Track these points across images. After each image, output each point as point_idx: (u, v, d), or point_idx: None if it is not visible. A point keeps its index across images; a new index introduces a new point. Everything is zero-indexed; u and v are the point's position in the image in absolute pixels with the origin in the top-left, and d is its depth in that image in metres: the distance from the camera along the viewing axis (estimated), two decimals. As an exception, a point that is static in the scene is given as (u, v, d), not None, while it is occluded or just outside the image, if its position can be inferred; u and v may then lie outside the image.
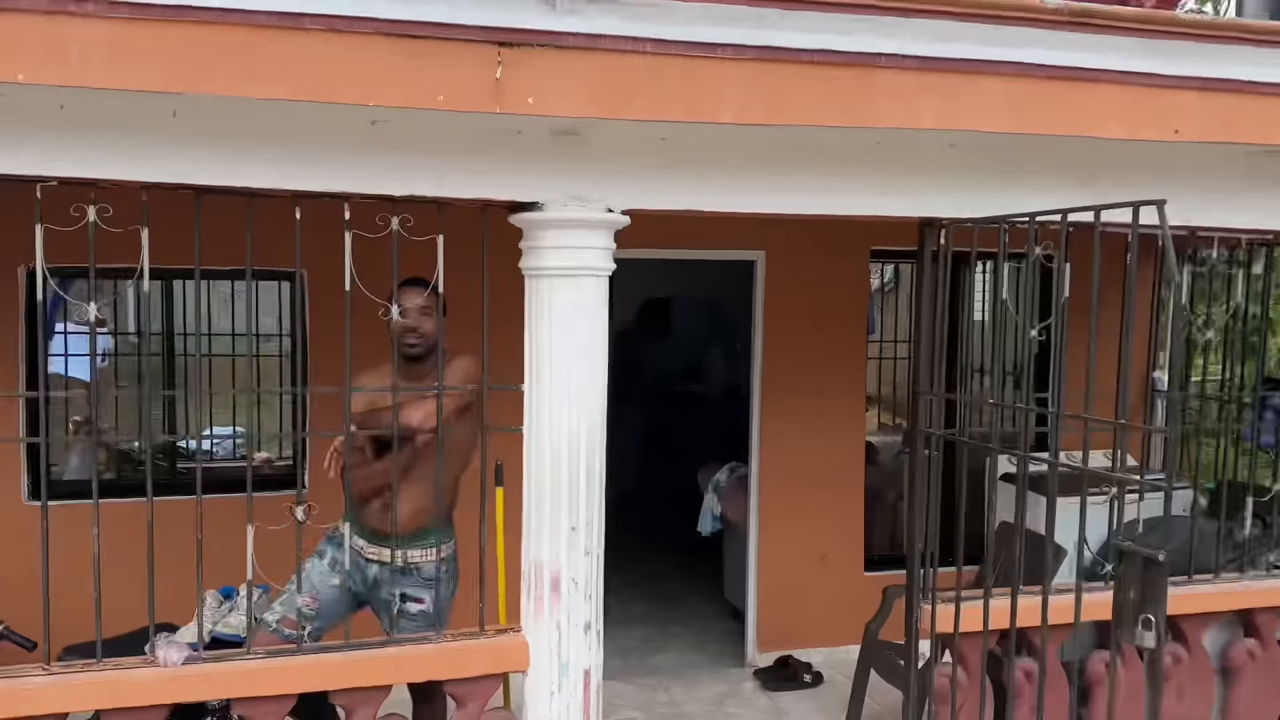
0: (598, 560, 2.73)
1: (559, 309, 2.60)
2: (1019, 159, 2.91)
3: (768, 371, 4.80)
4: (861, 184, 2.84)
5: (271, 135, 2.39)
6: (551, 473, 2.63)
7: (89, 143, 2.26)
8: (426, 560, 2.99)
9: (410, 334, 2.93)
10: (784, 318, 4.80)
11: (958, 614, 2.93)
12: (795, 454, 4.84)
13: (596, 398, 2.67)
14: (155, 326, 4.40)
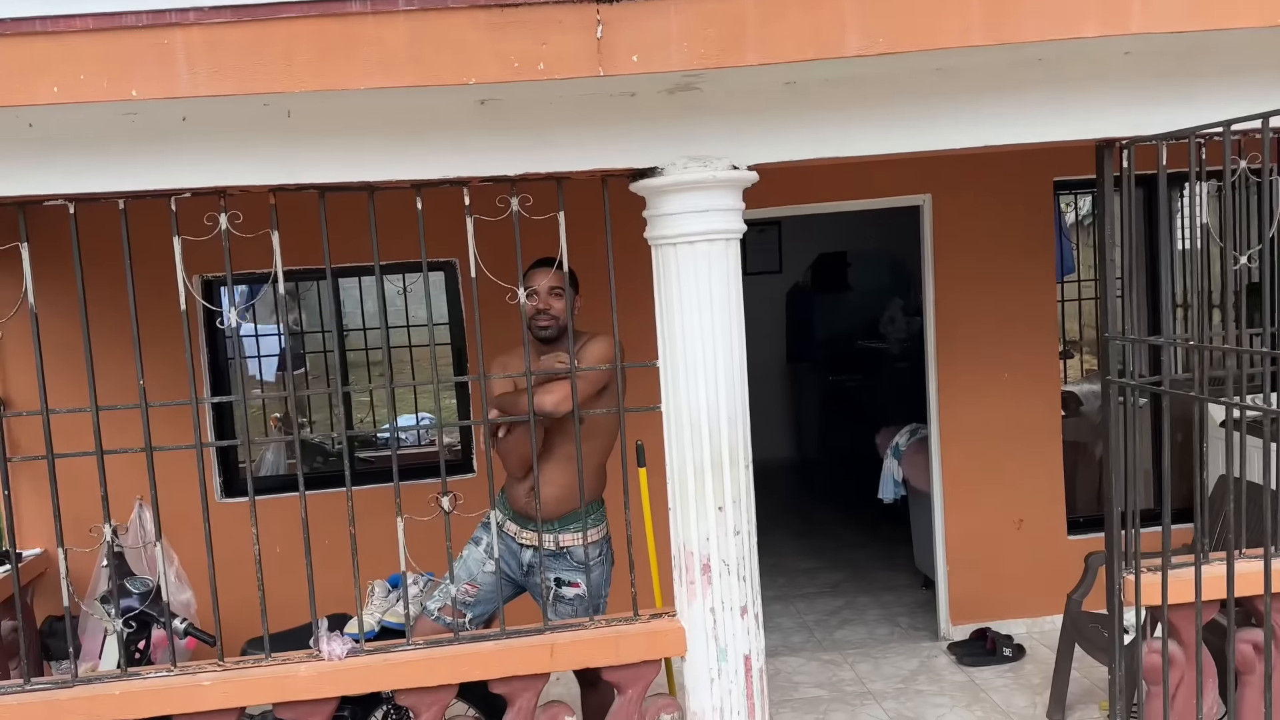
0: (749, 540, 2.61)
1: (688, 278, 2.49)
2: (1205, 62, 2.51)
3: (942, 323, 4.51)
4: (1025, 109, 2.55)
5: (383, 127, 2.38)
6: (693, 450, 2.53)
7: (212, 151, 2.32)
8: (578, 543, 2.98)
9: (541, 316, 2.93)
10: (957, 264, 4.49)
11: (1165, 583, 2.61)
12: (979, 411, 4.54)
13: (735, 368, 2.55)
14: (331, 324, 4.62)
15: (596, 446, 3.00)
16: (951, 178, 4.42)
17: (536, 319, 2.93)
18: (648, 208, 2.55)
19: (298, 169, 2.37)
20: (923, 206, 4.48)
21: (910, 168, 4.39)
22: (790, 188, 4.21)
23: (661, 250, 2.53)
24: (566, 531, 2.99)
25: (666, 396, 2.59)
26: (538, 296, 2.91)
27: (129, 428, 2.50)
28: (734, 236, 2.51)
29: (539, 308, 2.92)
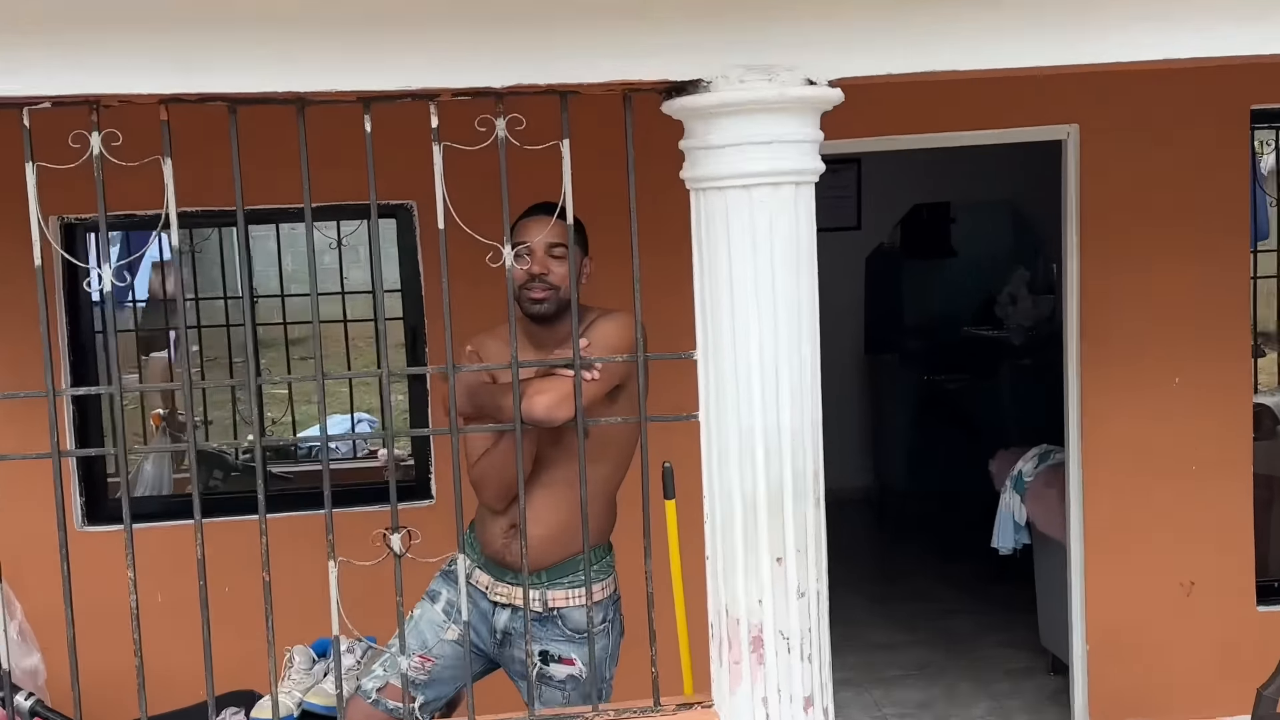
0: (818, 604, 2.60)
1: (741, 237, 2.46)
2: None
3: (1089, 305, 4.52)
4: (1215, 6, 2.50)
5: (322, 18, 2.36)
6: (741, 480, 2.52)
7: (83, 47, 2.31)
8: (575, 604, 2.97)
9: (535, 284, 2.94)
10: (1111, 222, 4.50)
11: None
12: (1138, 430, 4.56)
13: (805, 363, 2.53)
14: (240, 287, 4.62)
15: (606, 469, 2.99)
16: (1107, 104, 4.41)
17: (529, 288, 2.94)
18: (687, 136, 2.52)
19: (199, 73, 2.35)
20: (1066, 142, 4.48)
21: (1050, 89, 4.36)
22: (875, 112, 4.18)
23: (705, 197, 2.50)
24: (559, 586, 2.98)
25: (707, 402, 2.57)
26: (531, 257, 2.92)
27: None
28: (807, 179, 2.49)
29: (533, 272, 2.92)
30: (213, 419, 7.53)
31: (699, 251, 2.55)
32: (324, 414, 2.58)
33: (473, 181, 2.55)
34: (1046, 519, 4.99)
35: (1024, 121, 4.43)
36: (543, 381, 2.82)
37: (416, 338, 4.37)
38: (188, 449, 2.56)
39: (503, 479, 2.91)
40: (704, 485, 2.60)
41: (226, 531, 3.56)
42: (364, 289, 5.97)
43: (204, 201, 2.83)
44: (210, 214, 4.32)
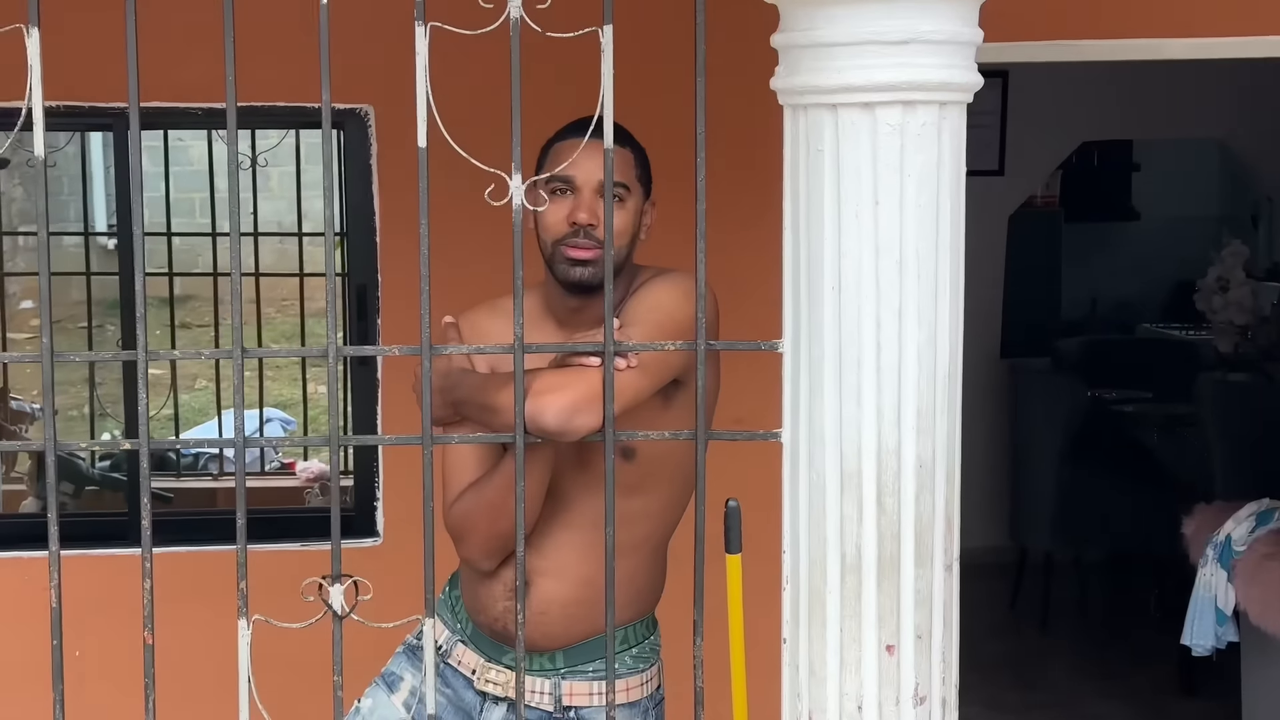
0: (945, 713, 2.63)
1: (857, 174, 2.47)
2: None
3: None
4: None
5: None
6: (842, 527, 2.53)
7: None
8: (599, 702, 2.98)
9: (580, 237, 2.93)
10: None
11: None
12: None
13: (941, 366, 2.55)
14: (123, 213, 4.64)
15: (653, 505, 3.02)
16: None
17: (570, 243, 2.94)
18: (784, 29, 2.54)
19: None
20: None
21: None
22: (1031, 6, 4.19)
23: (807, 117, 2.51)
24: (580, 676, 3.00)
25: (795, 414, 2.59)
26: (577, 197, 2.91)
27: None
28: (958, 98, 2.51)
29: (578, 220, 2.91)
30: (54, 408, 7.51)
31: (793, 195, 2.57)
32: (240, 408, 2.59)
33: (459, 86, 2.56)
34: (1265, 607, 4.97)
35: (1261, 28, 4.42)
36: (557, 374, 2.82)
37: (365, 302, 4.36)
38: (45, 449, 2.55)
39: (496, 525, 2.91)
40: (784, 536, 2.62)
41: (76, 570, 3.58)
42: (287, 230, 6.00)
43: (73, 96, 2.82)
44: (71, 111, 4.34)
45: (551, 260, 2.96)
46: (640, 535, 2.95)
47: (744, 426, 2.70)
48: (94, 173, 10.27)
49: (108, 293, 6.36)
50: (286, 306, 8.08)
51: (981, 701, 6.36)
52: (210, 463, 6.45)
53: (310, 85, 2.92)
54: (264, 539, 4.20)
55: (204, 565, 3.75)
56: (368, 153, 4.39)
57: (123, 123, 4.49)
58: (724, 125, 2.60)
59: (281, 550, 4.01)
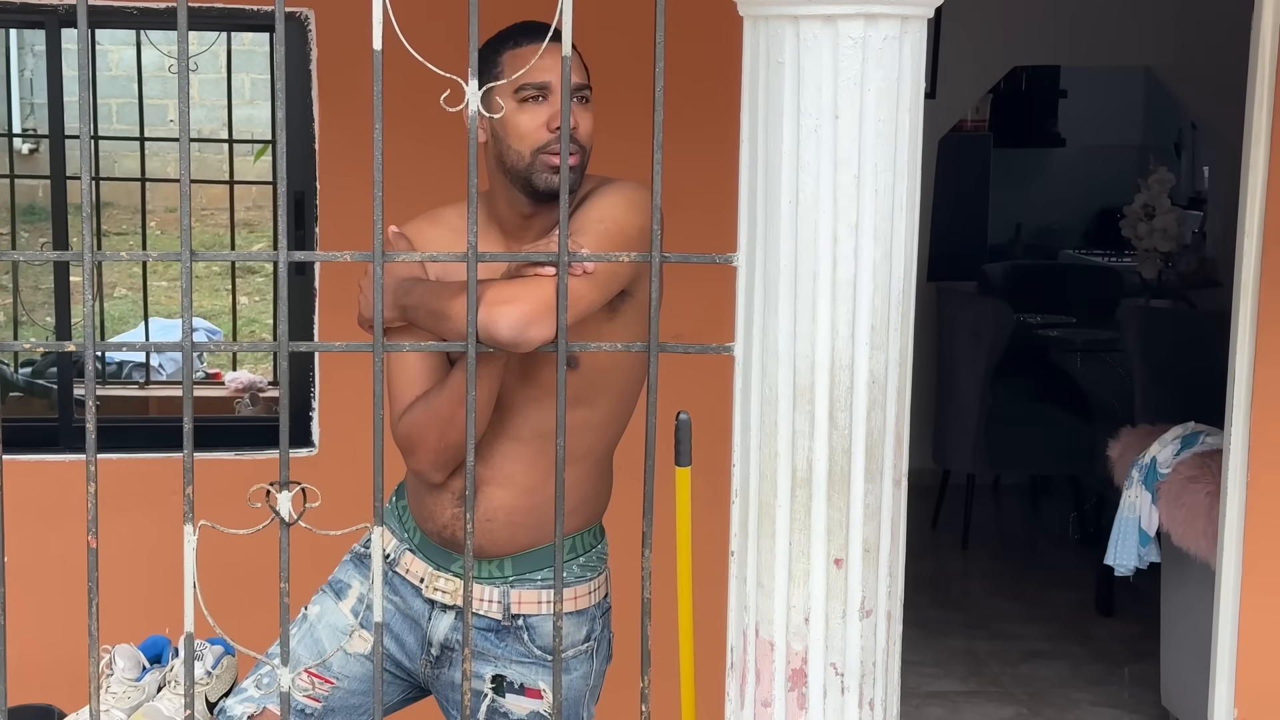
0: (890, 627, 2.64)
1: (817, 90, 2.46)
2: None
3: (1275, 229, 4.50)
4: None
5: None
6: (792, 443, 2.53)
7: None
8: (546, 610, 2.99)
9: (559, 142, 2.86)
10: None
11: None
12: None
13: (895, 284, 2.55)
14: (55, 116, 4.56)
15: (600, 415, 3.02)
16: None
17: (549, 150, 2.93)
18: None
19: None
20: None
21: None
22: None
23: (768, 30, 2.50)
24: (528, 584, 3.01)
25: (748, 327, 2.58)
26: (548, 100, 2.91)
27: None
28: (920, 13, 2.52)
29: (558, 126, 2.87)
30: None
31: (751, 108, 2.55)
32: (189, 313, 2.55)
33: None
34: (1187, 529, 5.05)
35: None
36: (511, 285, 2.80)
37: (304, 208, 4.32)
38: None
39: (446, 437, 2.90)
40: (735, 450, 2.62)
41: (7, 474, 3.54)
42: (213, 136, 5.93)
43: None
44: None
45: (530, 169, 2.93)
46: (584, 446, 2.96)
47: (684, 340, 2.69)
48: (10, 74, 10.07)
49: (22, 198, 6.27)
50: (206, 216, 7.95)
51: (952, 601, 6.47)
52: (135, 370, 6.38)
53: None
54: (198, 448, 4.17)
55: (134, 472, 3.72)
56: (307, 58, 4.33)
57: (55, 19, 4.42)
58: (681, 35, 2.59)
59: (215, 459, 3.97)
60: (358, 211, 4.24)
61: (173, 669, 3.23)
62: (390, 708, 2.86)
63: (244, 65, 5.48)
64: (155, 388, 6.22)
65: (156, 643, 3.31)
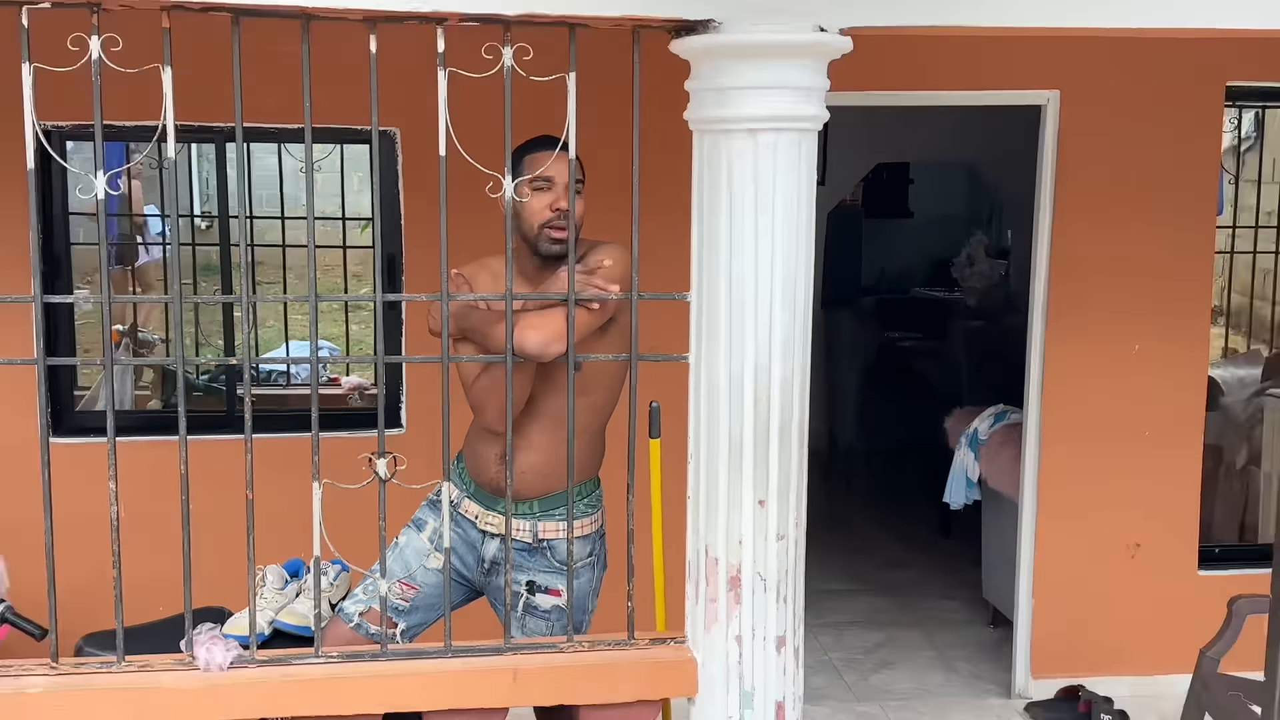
0: (797, 548, 2.62)
1: (743, 180, 2.44)
2: None
3: (1058, 270, 4.54)
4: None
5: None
6: (730, 421, 2.52)
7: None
8: (562, 536, 2.97)
9: (559, 220, 2.88)
10: (1086, 189, 4.51)
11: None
12: (1097, 395, 4.61)
13: (798, 313, 2.53)
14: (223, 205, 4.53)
15: (596, 403, 2.99)
16: (1089, 70, 4.42)
17: (552, 226, 2.89)
18: (693, 78, 2.50)
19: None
20: (1046, 108, 4.48)
21: (1035, 52, 4.37)
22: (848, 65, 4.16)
23: (709, 139, 2.49)
24: (550, 518, 2.99)
25: (698, 343, 2.57)
26: (551, 191, 2.87)
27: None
28: (812, 127, 2.49)
29: (559, 207, 2.86)
30: (170, 337, 7.41)
31: (699, 193, 2.53)
32: (314, 336, 2.54)
33: (461, 111, 2.50)
34: (999, 476, 5.05)
35: (1005, 85, 4.42)
36: (537, 315, 2.79)
37: (394, 265, 4.30)
38: (175, 364, 2.49)
39: (501, 400, 2.88)
40: (690, 426, 2.61)
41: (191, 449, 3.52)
42: (333, 215, 5.89)
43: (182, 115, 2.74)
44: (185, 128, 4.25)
45: (536, 238, 2.90)
46: (584, 423, 2.92)
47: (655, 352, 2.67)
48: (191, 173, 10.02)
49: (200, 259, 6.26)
50: (329, 270, 7.86)
51: (838, 529, 6.47)
52: (279, 377, 6.36)
53: (354, 111, 2.88)
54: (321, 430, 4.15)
55: (277, 447, 3.67)
56: (395, 160, 4.31)
57: (221, 136, 4.40)
58: (648, 144, 2.56)
59: (333, 437, 3.93)
60: (430, 266, 4.23)
61: (305, 581, 3.21)
62: (455, 605, 2.84)
63: (353, 166, 5.44)
64: (292, 388, 6.19)
65: (294, 563, 3.28)
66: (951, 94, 4.45)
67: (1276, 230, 5.93)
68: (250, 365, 2.56)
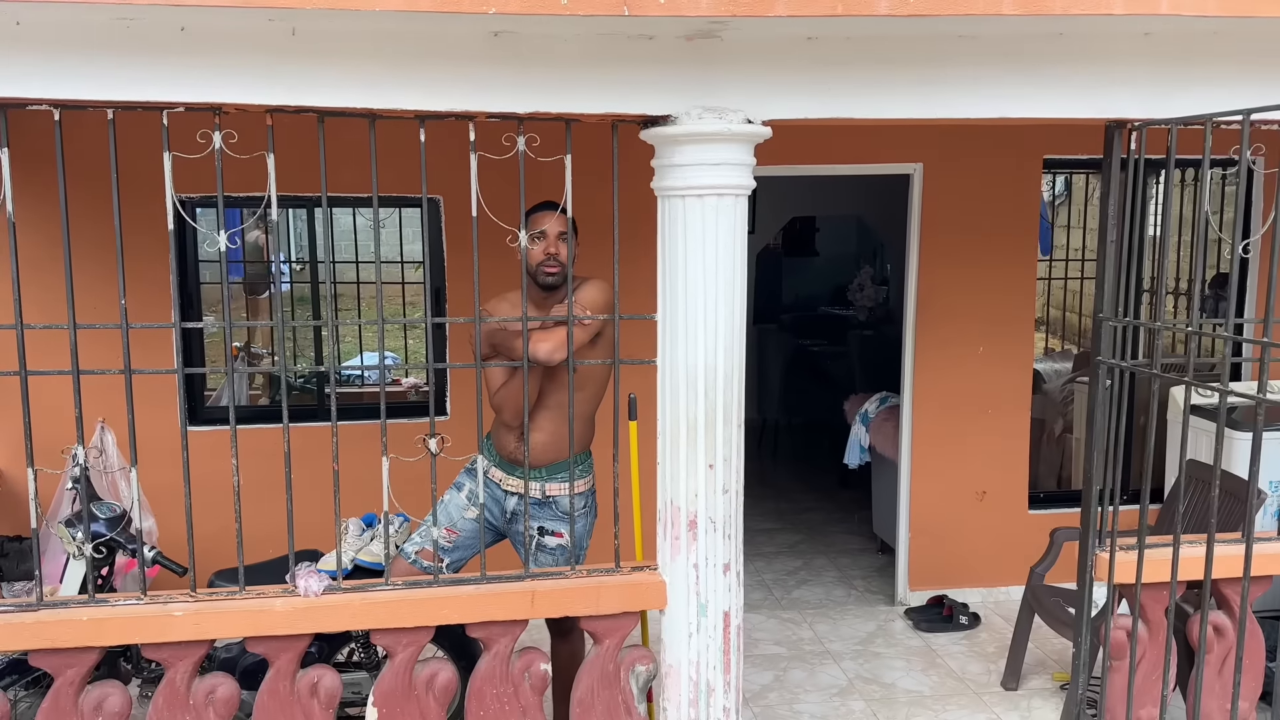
0: (737, 498, 2.61)
1: (694, 232, 2.45)
2: (1224, 49, 2.52)
3: (924, 294, 4.51)
4: (1039, 83, 2.54)
5: (392, 52, 2.30)
6: (686, 408, 2.52)
7: (211, 66, 2.22)
8: (564, 493, 2.96)
9: (550, 261, 2.86)
10: (943, 235, 4.49)
11: (1141, 562, 2.66)
12: (953, 383, 4.59)
13: (735, 328, 2.53)
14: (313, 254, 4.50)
15: (588, 396, 2.97)
16: (944, 148, 4.41)
17: (545, 264, 2.86)
18: (657, 157, 2.50)
19: (299, 90, 2.28)
20: (913, 176, 4.45)
21: (904, 135, 4.37)
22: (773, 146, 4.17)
23: (669, 201, 2.49)
24: (554, 480, 2.96)
25: (663, 350, 2.57)
26: (545, 240, 2.85)
27: (90, 349, 2.43)
28: (743, 193, 2.48)
29: (549, 252, 2.85)
30: (274, 350, 7.36)
31: (662, 241, 2.54)
32: (382, 348, 2.53)
33: (486, 183, 2.49)
34: (884, 444, 5.05)
35: (887, 159, 4.43)
36: (545, 332, 2.78)
37: (439, 297, 4.27)
38: (279, 371, 2.48)
39: (516, 403, 2.87)
40: (658, 411, 2.61)
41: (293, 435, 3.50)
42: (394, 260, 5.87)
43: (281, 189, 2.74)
44: (282, 198, 4.23)
45: (534, 273, 2.87)
46: (580, 410, 2.90)
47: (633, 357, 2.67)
48: (289, 229, 9.93)
49: (297, 293, 6.22)
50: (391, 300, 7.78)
51: (766, 482, 6.45)
52: (356, 379, 6.31)
53: (409, 183, 2.87)
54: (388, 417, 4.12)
55: (355, 431, 3.64)
56: (440, 221, 4.27)
57: (310, 203, 4.37)
58: (625, 206, 2.57)
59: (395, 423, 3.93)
60: (466, 296, 4.22)
61: (377, 530, 3.19)
62: (487, 545, 2.82)
63: (409, 223, 5.43)
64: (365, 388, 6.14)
65: (369, 516, 3.25)
66: (844, 166, 4.45)
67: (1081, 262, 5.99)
68: (334, 371, 2.56)
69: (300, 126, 2.46)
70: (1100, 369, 2.74)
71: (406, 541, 3.05)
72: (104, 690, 2.43)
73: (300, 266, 9.46)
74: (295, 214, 9.55)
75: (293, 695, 2.50)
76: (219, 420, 4.31)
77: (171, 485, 2.80)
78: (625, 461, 2.97)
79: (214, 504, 3.42)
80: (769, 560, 5.31)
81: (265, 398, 6.22)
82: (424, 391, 5.71)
